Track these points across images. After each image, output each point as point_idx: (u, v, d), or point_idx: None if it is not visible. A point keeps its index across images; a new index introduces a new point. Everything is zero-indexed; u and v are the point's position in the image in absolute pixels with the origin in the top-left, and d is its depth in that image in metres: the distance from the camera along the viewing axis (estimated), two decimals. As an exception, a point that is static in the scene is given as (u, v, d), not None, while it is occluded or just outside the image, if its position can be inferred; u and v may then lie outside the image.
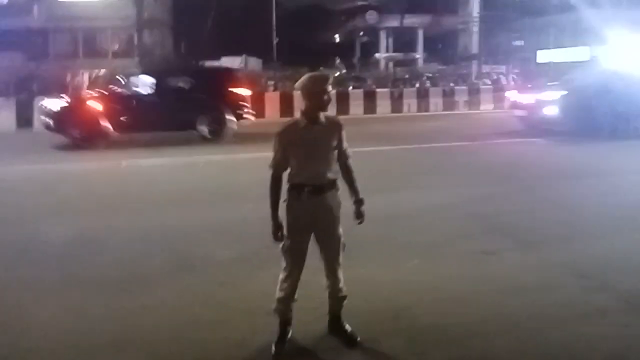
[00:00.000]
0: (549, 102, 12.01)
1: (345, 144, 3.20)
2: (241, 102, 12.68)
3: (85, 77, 21.44)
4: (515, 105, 13.34)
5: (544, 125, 11.92)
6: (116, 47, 30.78)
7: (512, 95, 14.44)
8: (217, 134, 12.02)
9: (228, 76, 13.41)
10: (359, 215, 3.21)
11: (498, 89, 19.98)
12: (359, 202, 3.22)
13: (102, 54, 29.48)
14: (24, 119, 14.66)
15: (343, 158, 3.20)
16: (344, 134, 3.19)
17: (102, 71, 21.29)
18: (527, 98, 12.97)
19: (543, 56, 32.69)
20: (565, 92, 12.05)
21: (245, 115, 12.66)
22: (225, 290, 4.07)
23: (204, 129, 12.04)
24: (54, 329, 3.55)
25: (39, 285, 4.24)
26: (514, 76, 26.39)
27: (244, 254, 4.74)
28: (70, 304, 3.89)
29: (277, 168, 3.12)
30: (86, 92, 13.76)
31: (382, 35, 38.57)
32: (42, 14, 29.14)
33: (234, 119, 12.20)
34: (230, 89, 12.61)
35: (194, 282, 4.27)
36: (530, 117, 12.45)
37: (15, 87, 17.76)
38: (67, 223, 5.88)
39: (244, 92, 12.98)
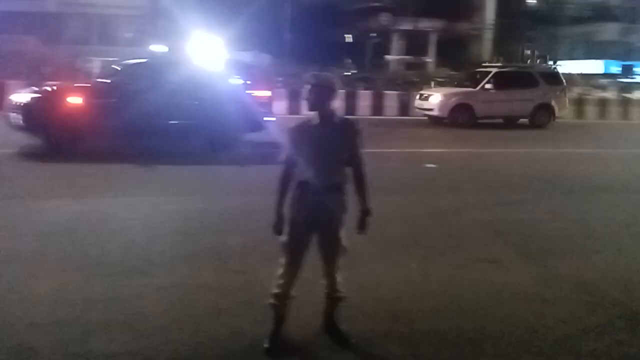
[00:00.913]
0: (20, 105, 8.83)
1: (360, 150, 3.14)
2: None
3: (97, 64, 21.43)
4: (12, 107, 9.16)
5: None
6: (129, 35, 30.87)
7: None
8: None
9: None
10: (361, 226, 3.16)
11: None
12: (364, 212, 3.15)
13: (115, 41, 29.57)
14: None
15: (356, 163, 3.14)
16: (358, 138, 3.14)
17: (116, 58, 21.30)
18: (21, 97, 9.20)
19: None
20: (36, 95, 8.94)
21: None
22: (230, 278, 4.09)
23: None
24: (54, 305, 3.57)
25: (40, 262, 4.27)
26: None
27: (255, 243, 4.74)
28: (72, 283, 3.91)
29: (287, 163, 3.12)
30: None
31: (394, 38, 38.50)
32: (56, -2, 29.27)
33: None
34: None
35: (200, 267, 4.29)
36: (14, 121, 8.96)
37: (26, 70, 17.79)
38: (75, 203, 5.92)
39: None
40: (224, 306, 3.64)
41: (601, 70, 31.03)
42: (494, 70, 16.41)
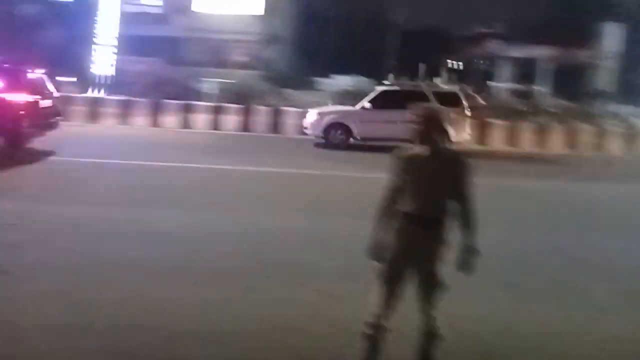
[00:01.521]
0: None
1: (468, 186, 3.06)
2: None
3: (210, 85, 22.74)
4: None
5: None
6: (243, 59, 32.76)
7: None
8: None
9: None
10: (463, 266, 3.07)
11: (630, 132, 18.33)
12: (468, 251, 3.06)
13: (230, 65, 31.53)
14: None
15: (463, 199, 3.06)
16: (466, 174, 3.06)
17: (232, 81, 22.62)
18: None
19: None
20: None
21: None
22: (327, 302, 4.18)
23: None
24: (140, 311, 3.84)
25: (134, 267, 4.66)
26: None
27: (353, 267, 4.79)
28: (165, 291, 4.21)
29: (389, 190, 3.13)
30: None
31: (503, 65, 37.25)
32: (180, 24, 31.87)
33: None
34: None
35: (297, 289, 4.42)
36: None
37: (151, 90, 19.43)
38: (175, 216, 6.35)
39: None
40: (315, 329, 3.69)
41: None
42: (380, 88, 15.23)
